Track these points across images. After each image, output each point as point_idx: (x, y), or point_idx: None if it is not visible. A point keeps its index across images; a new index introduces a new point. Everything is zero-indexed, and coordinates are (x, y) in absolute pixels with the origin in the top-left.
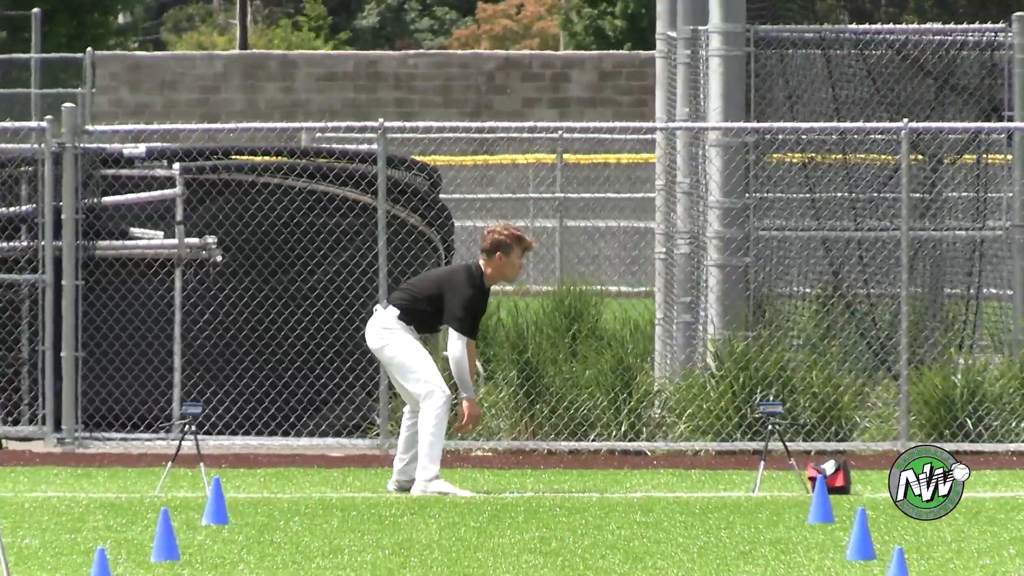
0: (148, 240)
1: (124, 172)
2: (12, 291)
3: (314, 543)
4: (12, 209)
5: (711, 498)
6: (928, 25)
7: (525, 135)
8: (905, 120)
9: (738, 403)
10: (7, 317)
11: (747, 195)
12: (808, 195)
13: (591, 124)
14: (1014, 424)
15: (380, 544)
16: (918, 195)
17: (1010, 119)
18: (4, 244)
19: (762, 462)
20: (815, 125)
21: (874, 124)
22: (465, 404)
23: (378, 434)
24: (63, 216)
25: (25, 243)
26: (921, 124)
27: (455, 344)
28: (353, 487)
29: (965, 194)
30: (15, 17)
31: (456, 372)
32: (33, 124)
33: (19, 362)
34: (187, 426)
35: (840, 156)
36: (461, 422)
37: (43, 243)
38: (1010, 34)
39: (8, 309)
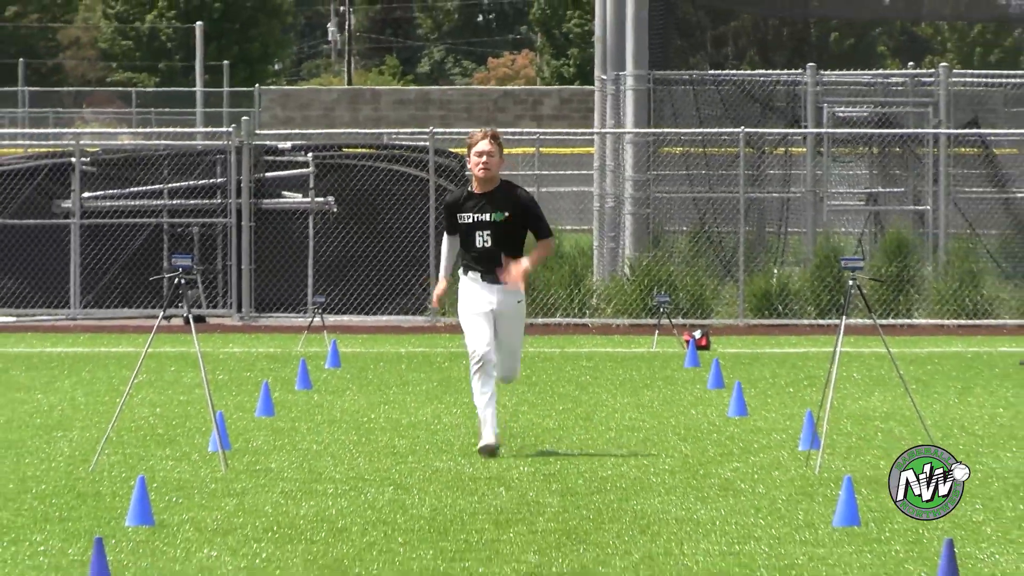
0: (293, 199)
1: (278, 159)
2: (211, 229)
3: (391, 379)
4: (211, 180)
5: (627, 353)
6: (757, 71)
7: (517, 136)
8: (742, 127)
9: (643, 296)
10: (210, 245)
11: (649, 172)
12: (685, 173)
13: (558, 130)
14: (808, 309)
15: (431, 380)
16: (750, 172)
17: (805, 126)
18: (207, 201)
19: (656, 331)
20: (688, 131)
21: (722, 129)
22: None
23: (428, 314)
24: (242, 184)
25: (219, 201)
26: (752, 129)
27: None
28: (413, 345)
29: (778, 172)
30: (212, 67)
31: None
32: (224, 130)
33: (216, 271)
34: (317, 308)
35: (703, 149)
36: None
37: (230, 201)
38: (806, 76)
39: (210, 239)
